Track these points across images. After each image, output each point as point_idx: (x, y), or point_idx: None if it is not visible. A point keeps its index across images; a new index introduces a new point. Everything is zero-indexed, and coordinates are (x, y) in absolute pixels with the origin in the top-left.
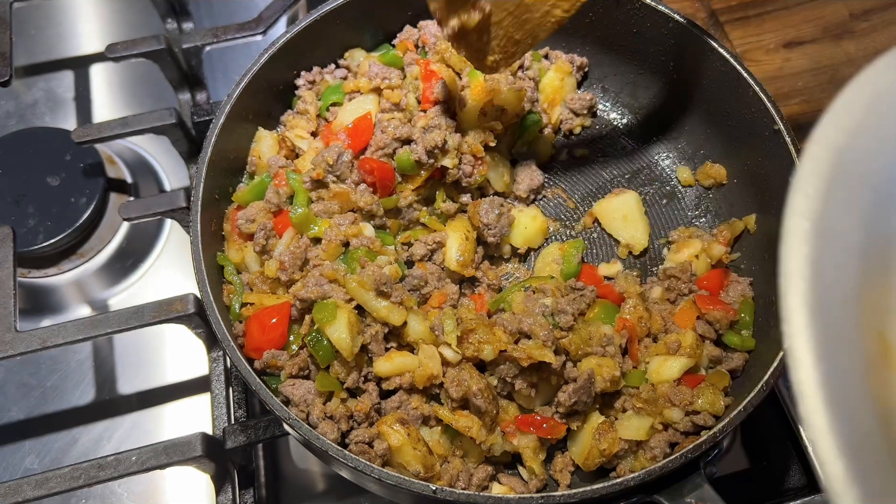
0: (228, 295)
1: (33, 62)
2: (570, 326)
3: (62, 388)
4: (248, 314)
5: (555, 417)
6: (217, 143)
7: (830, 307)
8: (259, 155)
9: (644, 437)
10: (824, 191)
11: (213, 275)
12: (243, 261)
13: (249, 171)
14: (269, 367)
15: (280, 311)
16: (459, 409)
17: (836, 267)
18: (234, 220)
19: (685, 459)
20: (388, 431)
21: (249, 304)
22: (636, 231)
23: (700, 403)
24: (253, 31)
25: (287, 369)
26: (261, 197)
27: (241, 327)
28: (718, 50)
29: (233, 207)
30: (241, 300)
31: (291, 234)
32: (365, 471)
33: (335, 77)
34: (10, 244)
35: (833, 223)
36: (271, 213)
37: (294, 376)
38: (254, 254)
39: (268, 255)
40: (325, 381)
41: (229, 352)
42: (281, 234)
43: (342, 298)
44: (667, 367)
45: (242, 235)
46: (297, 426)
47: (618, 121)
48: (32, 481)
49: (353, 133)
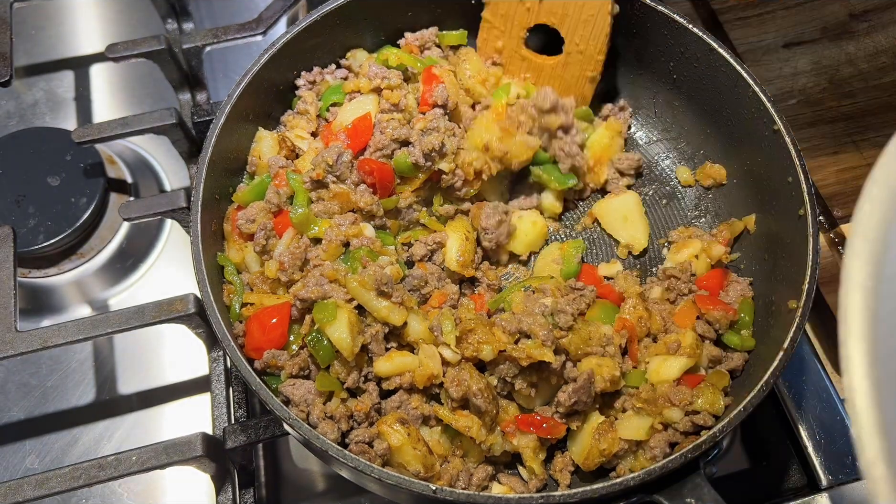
0: (229, 295)
1: (33, 62)
2: (569, 326)
3: (62, 388)
4: (248, 314)
5: (554, 417)
6: (217, 143)
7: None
8: (259, 155)
9: (644, 437)
10: (883, 234)
11: (214, 275)
12: (243, 261)
13: (250, 171)
14: (269, 367)
15: (280, 311)
16: (459, 409)
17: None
18: (235, 221)
19: (685, 459)
20: (388, 431)
21: (250, 304)
22: (636, 231)
23: (700, 403)
24: (253, 32)
25: (287, 369)
26: (261, 197)
27: (241, 327)
28: (718, 50)
29: (233, 207)
30: (242, 300)
31: (291, 235)
32: (365, 471)
33: (335, 77)
34: (10, 244)
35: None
36: (271, 213)
37: (294, 376)
38: (254, 254)
39: (268, 256)
40: (325, 381)
41: (229, 352)
42: (281, 234)
43: (343, 298)
44: (666, 367)
45: (243, 235)
46: (298, 426)
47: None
48: (33, 481)
49: (353, 133)
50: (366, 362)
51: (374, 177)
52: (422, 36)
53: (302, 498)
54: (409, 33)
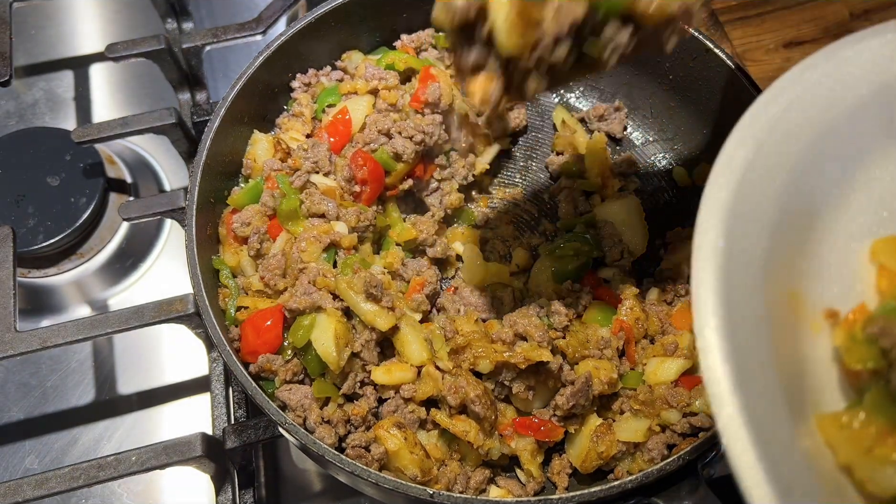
0: (224, 299)
1: (33, 62)
2: (564, 326)
3: (62, 388)
4: (243, 318)
5: (552, 420)
6: (212, 146)
7: (737, 266)
8: (255, 158)
9: (642, 439)
10: (741, 173)
11: (209, 278)
12: (239, 264)
13: (245, 173)
14: (263, 371)
15: (275, 313)
16: (457, 414)
17: (747, 235)
18: (230, 224)
19: (683, 462)
20: (385, 436)
21: (245, 307)
22: (634, 234)
23: (698, 405)
24: (253, 31)
25: (281, 375)
26: (256, 200)
27: (237, 331)
28: (714, 51)
29: (228, 211)
30: (237, 304)
31: (285, 238)
32: (361, 475)
33: (331, 79)
34: (10, 244)
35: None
36: (266, 216)
37: (289, 381)
38: (249, 258)
39: (262, 259)
40: (321, 387)
41: (225, 356)
42: (275, 237)
43: (332, 307)
44: (664, 369)
45: (238, 239)
46: (294, 431)
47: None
48: (32, 481)
49: (332, 130)
50: (360, 368)
51: (365, 169)
52: (418, 37)
53: (301, 498)
54: (405, 35)
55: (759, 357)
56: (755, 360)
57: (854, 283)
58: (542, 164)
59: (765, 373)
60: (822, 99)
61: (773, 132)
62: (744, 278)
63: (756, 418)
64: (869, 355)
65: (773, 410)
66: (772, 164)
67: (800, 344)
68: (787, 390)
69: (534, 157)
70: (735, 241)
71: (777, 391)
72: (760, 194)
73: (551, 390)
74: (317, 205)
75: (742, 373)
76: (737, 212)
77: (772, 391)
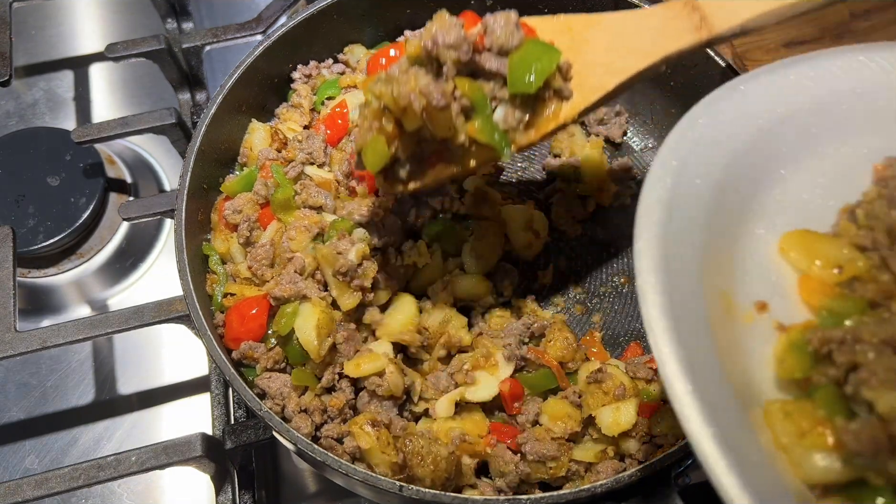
0: (212, 284)
1: (33, 62)
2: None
3: (62, 388)
4: (230, 304)
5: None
6: (208, 132)
7: (676, 261)
8: (251, 146)
9: (594, 461)
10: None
11: (197, 264)
12: (229, 251)
13: (241, 162)
14: (245, 357)
15: (260, 301)
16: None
17: (683, 231)
18: (222, 211)
19: (654, 469)
20: (359, 433)
21: (232, 294)
22: None
23: (659, 430)
24: (253, 31)
25: (262, 363)
26: (249, 188)
27: (222, 317)
28: (714, 58)
29: (221, 198)
30: (224, 290)
31: (276, 227)
32: (332, 465)
33: (332, 72)
34: (10, 244)
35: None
36: (258, 204)
37: (270, 369)
38: (239, 245)
39: (252, 247)
40: (300, 376)
41: (205, 341)
42: (265, 226)
43: (317, 297)
44: (623, 414)
45: (229, 226)
46: (269, 419)
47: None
48: (32, 481)
49: (330, 123)
50: (340, 362)
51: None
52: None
53: (301, 498)
54: (408, 31)
55: (706, 352)
56: (702, 352)
57: (773, 278)
58: (539, 165)
59: (711, 364)
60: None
61: (692, 155)
62: (684, 285)
63: (708, 401)
64: (800, 367)
65: (723, 394)
66: (697, 177)
67: (739, 336)
68: (736, 381)
69: (531, 158)
70: (672, 249)
71: (725, 382)
72: (690, 210)
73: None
74: (313, 198)
75: (692, 363)
76: (669, 231)
77: (722, 382)
